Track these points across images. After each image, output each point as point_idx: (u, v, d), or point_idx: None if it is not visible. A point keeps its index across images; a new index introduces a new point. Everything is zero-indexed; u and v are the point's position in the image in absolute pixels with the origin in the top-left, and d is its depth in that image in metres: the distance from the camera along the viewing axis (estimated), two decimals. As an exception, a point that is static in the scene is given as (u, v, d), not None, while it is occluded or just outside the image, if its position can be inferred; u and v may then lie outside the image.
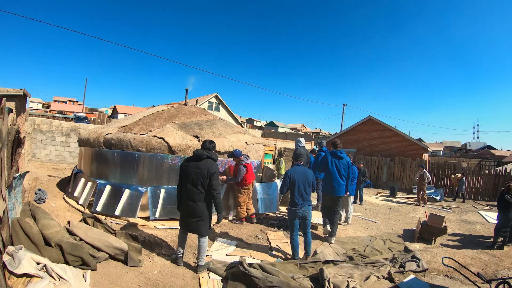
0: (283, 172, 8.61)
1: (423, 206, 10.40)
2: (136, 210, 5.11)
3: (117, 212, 5.10)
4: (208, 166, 3.60)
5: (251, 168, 5.79)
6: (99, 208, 5.23)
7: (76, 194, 5.95)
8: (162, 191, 5.31)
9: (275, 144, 18.37)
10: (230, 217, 5.91)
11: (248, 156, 5.87)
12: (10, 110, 3.86)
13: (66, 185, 6.88)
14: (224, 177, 5.63)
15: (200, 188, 3.58)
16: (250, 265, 3.57)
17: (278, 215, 6.32)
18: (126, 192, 5.27)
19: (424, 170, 10.77)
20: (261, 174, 6.56)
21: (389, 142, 17.10)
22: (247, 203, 5.82)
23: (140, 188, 5.27)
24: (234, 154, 5.60)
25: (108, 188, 5.45)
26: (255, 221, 5.90)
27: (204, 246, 3.70)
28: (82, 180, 6.08)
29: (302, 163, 4.52)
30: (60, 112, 35.69)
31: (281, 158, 9.66)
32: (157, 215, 5.18)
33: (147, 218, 5.19)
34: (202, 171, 3.57)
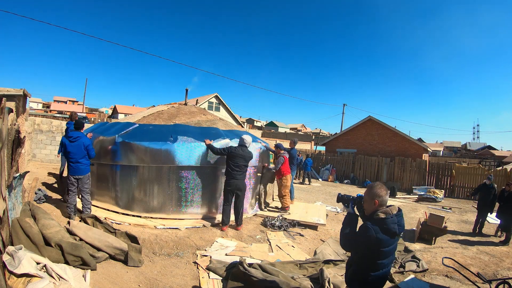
0: None
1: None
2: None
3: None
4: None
5: (287, 161, 6.59)
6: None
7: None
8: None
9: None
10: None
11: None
12: (10, 110, 3.86)
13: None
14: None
15: None
16: (250, 265, 3.57)
17: (280, 215, 6.30)
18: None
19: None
20: (260, 175, 6.53)
21: (389, 142, 17.10)
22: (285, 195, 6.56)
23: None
24: (278, 146, 6.69)
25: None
26: (289, 212, 6.49)
27: None
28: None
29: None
30: (60, 112, 35.69)
31: None
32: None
33: (149, 218, 5.19)
34: None
